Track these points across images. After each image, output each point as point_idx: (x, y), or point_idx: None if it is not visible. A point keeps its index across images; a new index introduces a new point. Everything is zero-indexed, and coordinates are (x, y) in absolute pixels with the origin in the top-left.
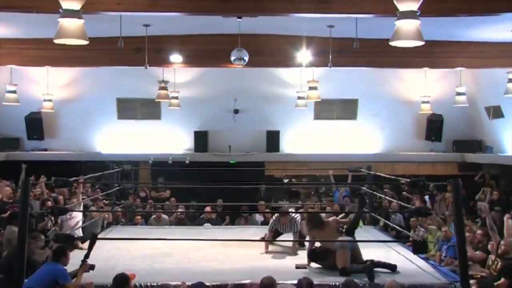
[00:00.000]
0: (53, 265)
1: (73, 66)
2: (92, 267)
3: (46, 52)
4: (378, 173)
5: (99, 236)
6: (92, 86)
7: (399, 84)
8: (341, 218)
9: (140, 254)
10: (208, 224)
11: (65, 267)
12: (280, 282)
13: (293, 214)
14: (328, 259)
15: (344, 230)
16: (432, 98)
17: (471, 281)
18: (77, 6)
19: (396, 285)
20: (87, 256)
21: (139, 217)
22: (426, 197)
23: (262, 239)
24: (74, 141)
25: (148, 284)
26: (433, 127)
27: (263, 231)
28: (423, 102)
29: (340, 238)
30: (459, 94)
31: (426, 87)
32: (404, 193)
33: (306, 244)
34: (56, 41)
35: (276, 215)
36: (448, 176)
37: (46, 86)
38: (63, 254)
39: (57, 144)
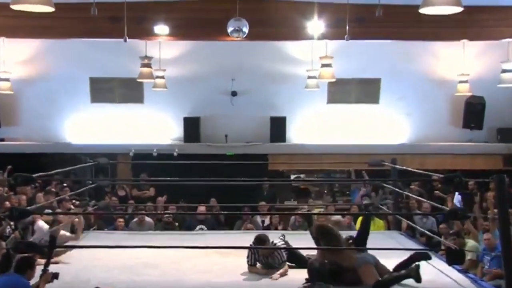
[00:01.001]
0: (16, 278)
1: (36, 37)
2: (55, 275)
3: (1, 20)
4: (404, 168)
5: (69, 243)
6: (60, 63)
7: (431, 61)
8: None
9: (119, 264)
10: (202, 226)
11: (29, 281)
12: None
13: (273, 241)
14: (339, 279)
15: (352, 241)
16: (472, 77)
17: None
18: None
19: None
20: (47, 264)
21: (121, 220)
22: (457, 194)
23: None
24: (38, 130)
25: None
26: (473, 112)
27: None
28: (461, 81)
29: (358, 254)
30: (505, 71)
31: (465, 64)
32: (436, 192)
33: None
34: (14, 7)
35: (251, 243)
36: (490, 171)
37: (2, 62)
38: (29, 266)
39: (17, 133)
